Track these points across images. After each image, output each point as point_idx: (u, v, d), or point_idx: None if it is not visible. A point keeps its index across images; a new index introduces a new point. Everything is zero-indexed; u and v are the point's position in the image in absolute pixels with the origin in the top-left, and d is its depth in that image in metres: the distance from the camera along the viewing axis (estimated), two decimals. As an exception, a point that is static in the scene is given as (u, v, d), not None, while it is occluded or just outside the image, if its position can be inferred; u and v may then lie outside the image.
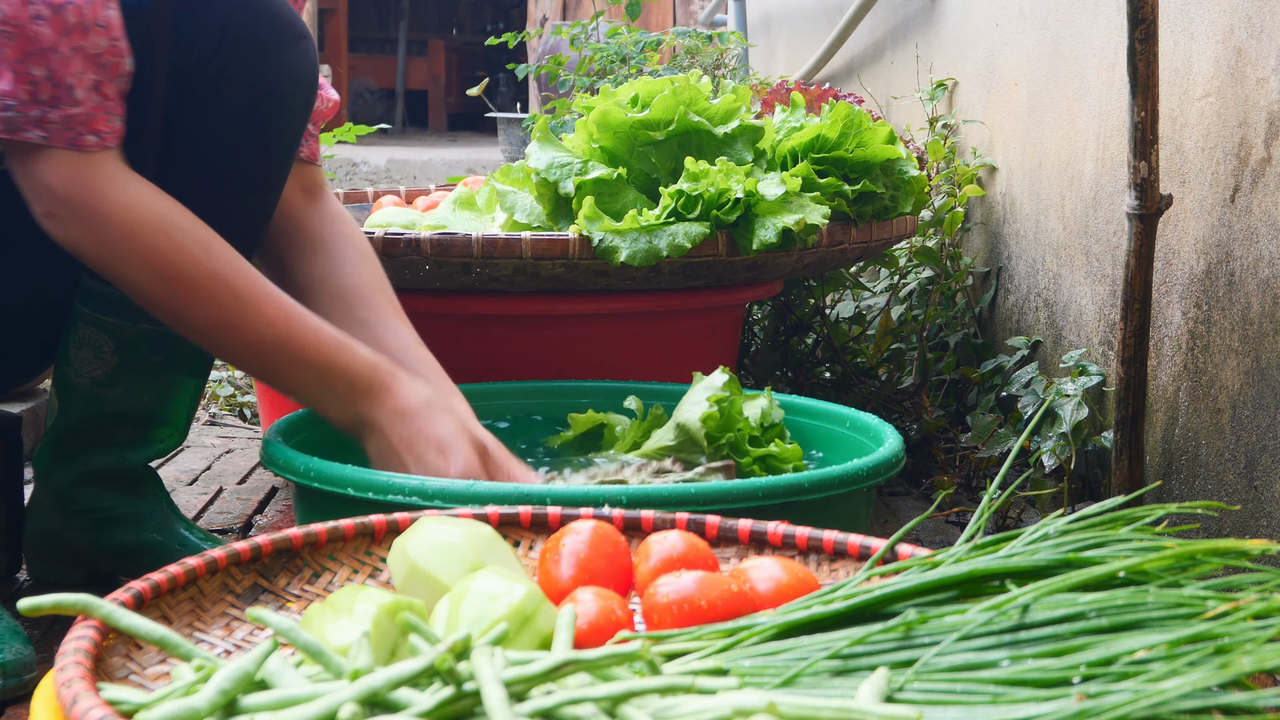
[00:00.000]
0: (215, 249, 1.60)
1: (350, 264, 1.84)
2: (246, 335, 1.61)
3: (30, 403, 2.55)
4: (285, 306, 1.62)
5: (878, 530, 2.16)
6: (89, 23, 1.53)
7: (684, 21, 7.17)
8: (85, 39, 1.53)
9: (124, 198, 1.57)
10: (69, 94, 1.53)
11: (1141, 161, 1.92)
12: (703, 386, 1.90)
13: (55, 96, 1.53)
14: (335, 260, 1.85)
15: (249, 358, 1.64)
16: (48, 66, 1.51)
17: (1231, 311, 1.89)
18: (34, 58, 1.51)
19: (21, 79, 1.51)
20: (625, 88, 2.27)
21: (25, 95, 1.52)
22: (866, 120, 2.29)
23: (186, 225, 1.59)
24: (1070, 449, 2.15)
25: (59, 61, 1.52)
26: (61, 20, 1.51)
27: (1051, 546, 1.15)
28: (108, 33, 1.55)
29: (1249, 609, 0.99)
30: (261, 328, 1.61)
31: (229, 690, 0.95)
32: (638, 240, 2.08)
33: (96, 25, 1.54)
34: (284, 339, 1.62)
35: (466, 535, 1.27)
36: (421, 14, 14.34)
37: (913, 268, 2.87)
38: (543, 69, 3.76)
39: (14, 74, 1.51)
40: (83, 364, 1.77)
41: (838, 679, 1.02)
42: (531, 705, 0.92)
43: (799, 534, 1.40)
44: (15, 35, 1.50)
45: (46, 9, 1.50)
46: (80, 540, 1.84)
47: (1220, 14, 1.92)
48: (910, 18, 3.43)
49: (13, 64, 1.50)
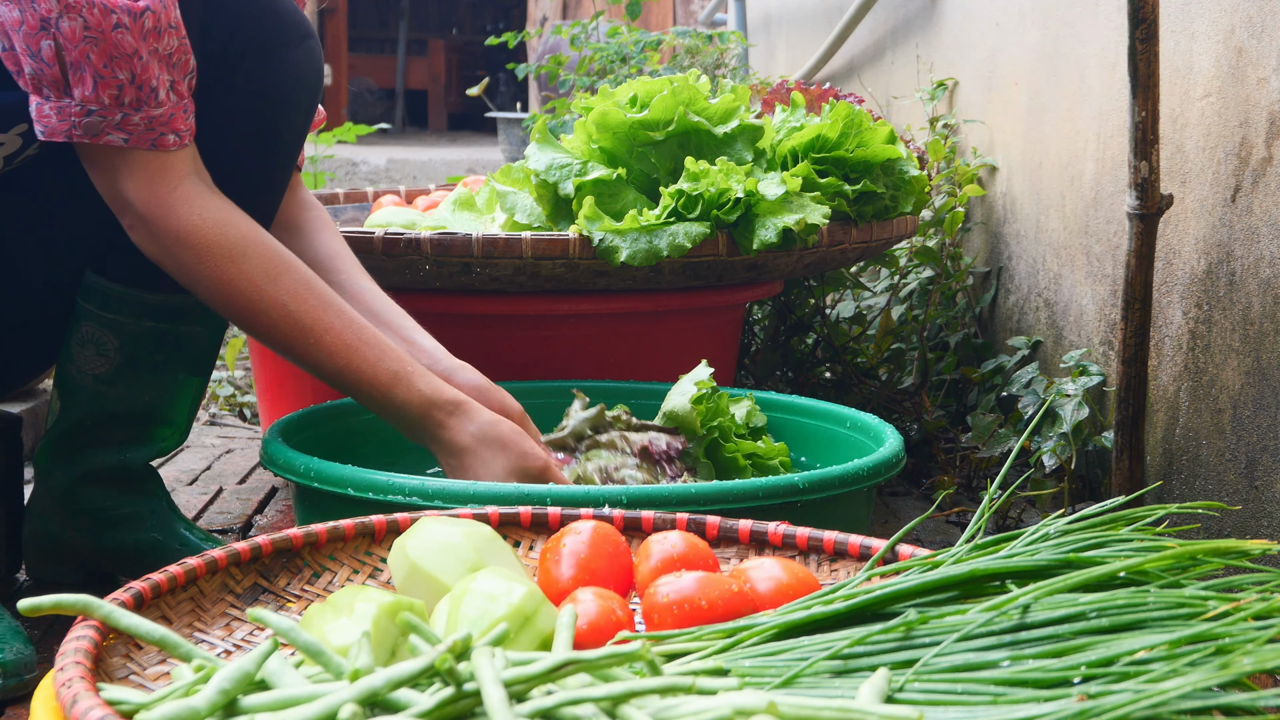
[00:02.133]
0: (281, 275, 1.64)
1: (322, 239, 1.92)
2: (309, 361, 1.67)
3: (30, 403, 2.55)
4: (345, 338, 1.67)
5: (878, 530, 2.16)
6: (164, 26, 1.56)
7: (684, 21, 7.17)
8: (160, 41, 1.56)
9: (198, 221, 1.61)
10: (152, 96, 1.57)
11: (1142, 161, 1.92)
12: (688, 378, 1.93)
13: (138, 99, 1.56)
14: (309, 238, 1.92)
15: (320, 377, 1.71)
16: (131, 70, 1.54)
17: (1232, 311, 1.89)
18: (118, 62, 1.54)
19: (105, 84, 1.54)
20: (624, 88, 2.26)
21: (109, 99, 1.55)
22: (867, 120, 2.28)
23: (254, 252, 1.63)
24: (1071, 449, 2.15)
25: (141, 65, 1.55)
26: (140, 25, 1.54)
27: (1052, 547, 1.15)
28: (178, 33, 1.59)
29: (1249, 609, 0.99)
30: (323, 358, 1.67)
31: (229, 690, 0.94)
32: (638, 240, 2.08)
33: (170, 27, 1.57)
34: (343, 371, 1.67)
35: (466, 535, 1.27)
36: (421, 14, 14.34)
37: (913, 268, 2.87)
38: (543, 69, 3.76)
39: (97, 80, 1.53)
40: (85, 361, 1.78)
41: (838, 679, 1.02)
42: (531, 705, 0.92)
43: (799, 534, 1.40)
44: (100, 41, 1.52)
45: (126, 16, 1.53)
46: (80, 540, 1.84)
47: (1221, 14, 1.92)
48: (910, 18, 3.43)
49: (97, 69, 1.53)
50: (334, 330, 1.66)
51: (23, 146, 1.62)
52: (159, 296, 1.76)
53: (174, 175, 1.60)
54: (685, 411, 1.89)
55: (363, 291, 1.88)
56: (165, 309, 1.77)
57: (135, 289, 1.74)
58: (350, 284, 1.89)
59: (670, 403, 1.92)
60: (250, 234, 1.63)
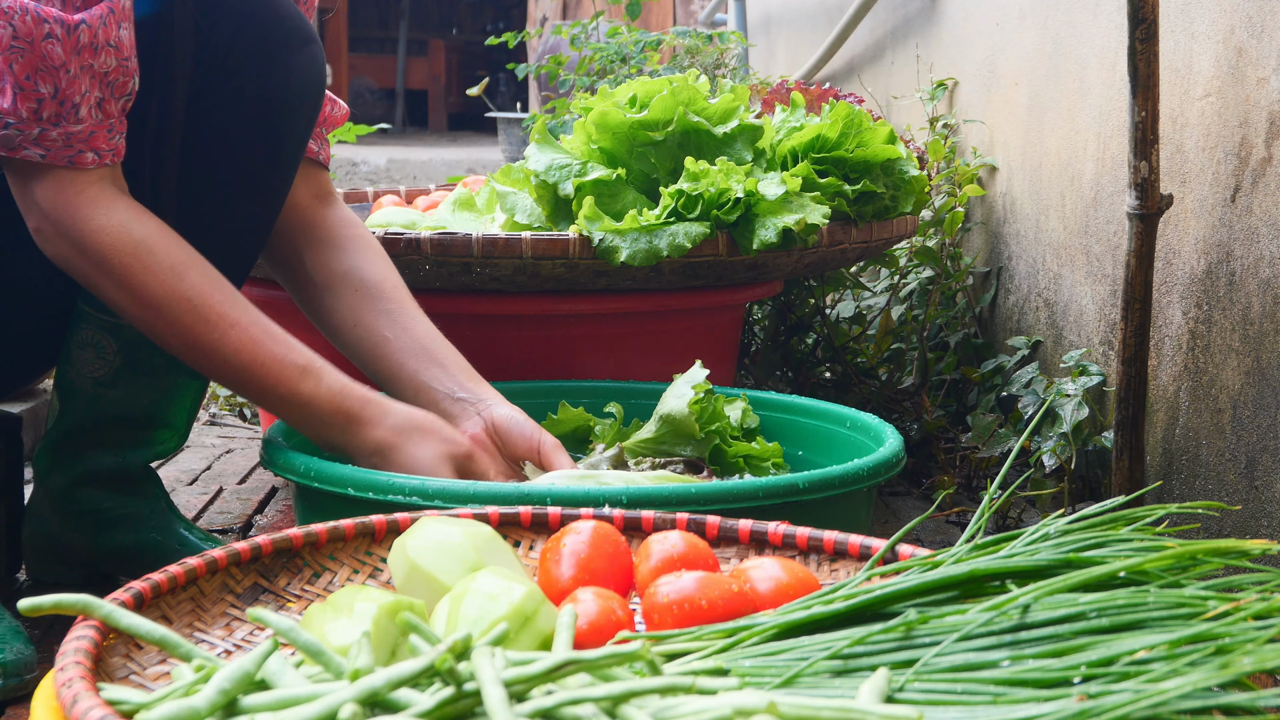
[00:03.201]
0: (187, 273, 1.61)
1: (370, 261, 1.87)
2: (215, 359, 1.63)
3: (30, 403, 2.55)
4: (252, 332, 1.63)
5: (878, 530, 2.16)
6: (100, 43, 1.53)
7: (684, 21, 7.17)
8: (95, 58, 1.53)
9: (104, 222, 1.58)
10: (73, 112, 1.54)
11: (1142, 161, 1.92)
12: (683, 380, 1.94)
13: (58, 114, 1.53)
14: (355, 257, 1.87)
15: (224, 379, 1.67)
16: (55, 84, 1.52)
17: (1232, 311, 1.89)
18: (42, 75, 1.51)
19: (25, 96, 1.52)
20: (623, 88, 2.26)
21: (27, 113, 1.52)
22: (867, 120, 2.28)
23: (161, 249, 1.60)
24: (1071, 449, 2.15)
25: (67, 80, 1.52)
26: (74, 39, 1.51)
27: (1052, 546, 1.15)
28: (118, 53, 1.56)
29: (1249, 609, 0.99)
30: (228, 354, 1.62)
31: (229, 690, 0.94)
32: (638, 240, 2.08)
33: (108, 45, 1.54)
34: (249, 366, 1.63)
35: (466, 535, 1.27)
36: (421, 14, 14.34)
37: (913, 267, 2.87)
38: (543, 69, 3.76)
39: (16, 91, 1.51)
40: (85, 364, 1.78)
41: (838, 679, 1.02)
42: (532, 705, 0.92)
43: (799, 534, 1.40)
44: (26, 52, 1.50)
45: (59, 27, 1.50)
46: (79, 541, 1.84)
47: (1221, 14, 1.92)
48: (910, 18, 3.43)
49: (18, 81, 1.51)
50: (240, 325, 1.62)
51: None
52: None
53: (85, 184, 1.57)
54: (683, 415, 1.89)
55: (413, 325, 1.82)
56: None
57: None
58: (401, 316, 1.83)
59: (666, 405, 1.92)
60: (156, 231, 1.60)
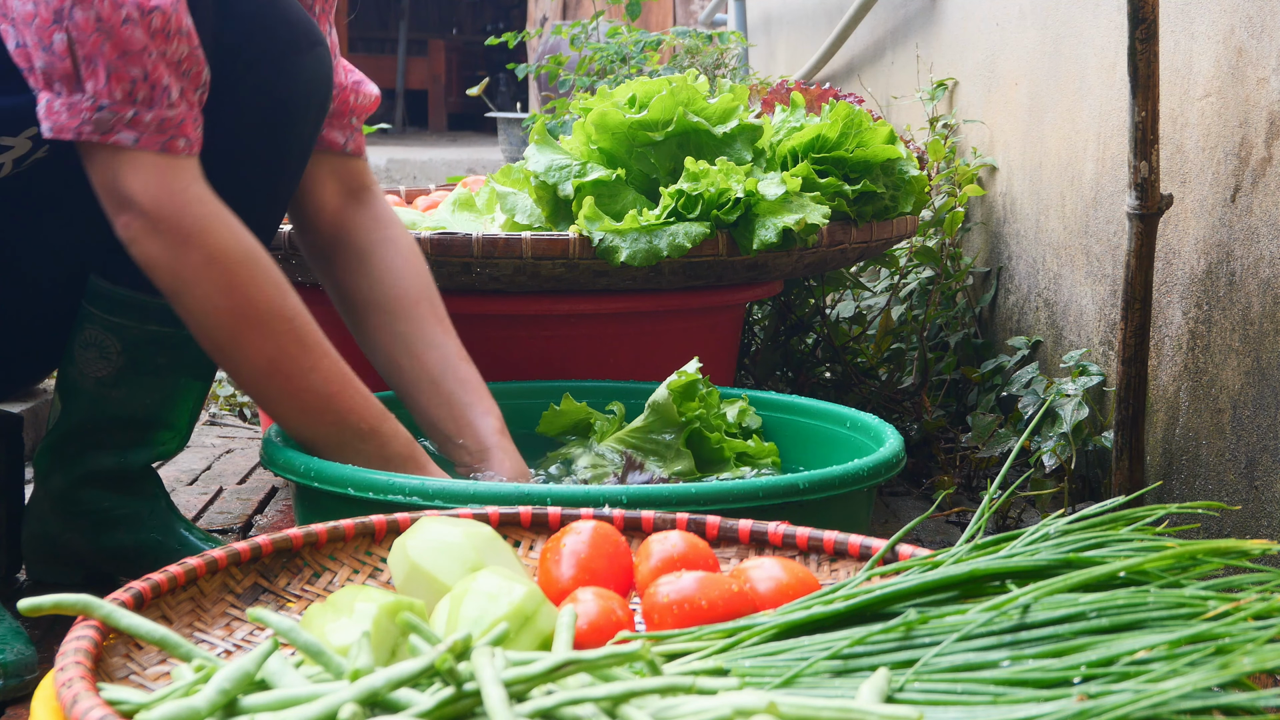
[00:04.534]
0: (290, 294, 1.61)
1: (393, 271, 1.86)
2: (300, 383, 1.62)
3: (31, 403, 2.55)
4: (340, 365, 1.64)
5: (878, 530, 2.16)
6: (172, 29, 1.53)
7: (684, 21, 7.17)
8: (168, 44, 1.53)
9: (210, 222, 1.56)
10: (166, 94, 1.53)
11: (1142, 161, 1.92)
12: (676, 373, 1.95)
13: (151, 97, 1.52)
14: (378, 268, 1.86)
15: (291, 405, 1.64)
16: (143, 67, 1.51)
17: (1232, 311, 1.89)
18: (130, 58, 1.50)
19: (118, 77, 1.51)
20: (623, 88, 2.26)
21: (122, 95, 1.51)
22: (867, 120, 2.28)
23: (267, 263, 1.60)
24: (1071, 449, 2.15)
25: (151, 64, 1.52)
26: (148, 23, 1.51)
27: (1052, 547, 1.15)
28: (189, 40, 1.55)
29: (1249, 609, 0.99)
30: (317, 381, 1.62)
31: (229, 690, 0.95)
32: (638, 240, 2.08)
33: (179, 32, 1.54)
34: (338, 395, 1.63)
35: (467, 535, 1.27)
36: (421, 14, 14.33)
37: (913, 268, 2.87)
38: (543, 69, 3.76)
39: (110, 72, 1.50)
40: (88, 364, 1.77)
41: (838, 679, 1.02)
42: (532, 705, 0.92)
43: (799, 534, 1.40)
44: (111, 35, 1.49)
45: (135, 11, 1.50)
46: (79, 541, 1.84)
47: (1221, 14, 1.92)
48: (910, 18, 3.43)
49: (111, 62, 1.50)
50: (330, 356, 1.63)
51: (31, 149, 1.62)
52: (163, 300, 1.75)
53: (186, 176, 1.56)
54: (664, 400, 1.91)
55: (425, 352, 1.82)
56: (169, 313, 1.76)
57: (139, 292, 1.73)
58: (415, 342, 1.82)
59: (654, 394, 1.94)
60: (260, 247, 1.60)
